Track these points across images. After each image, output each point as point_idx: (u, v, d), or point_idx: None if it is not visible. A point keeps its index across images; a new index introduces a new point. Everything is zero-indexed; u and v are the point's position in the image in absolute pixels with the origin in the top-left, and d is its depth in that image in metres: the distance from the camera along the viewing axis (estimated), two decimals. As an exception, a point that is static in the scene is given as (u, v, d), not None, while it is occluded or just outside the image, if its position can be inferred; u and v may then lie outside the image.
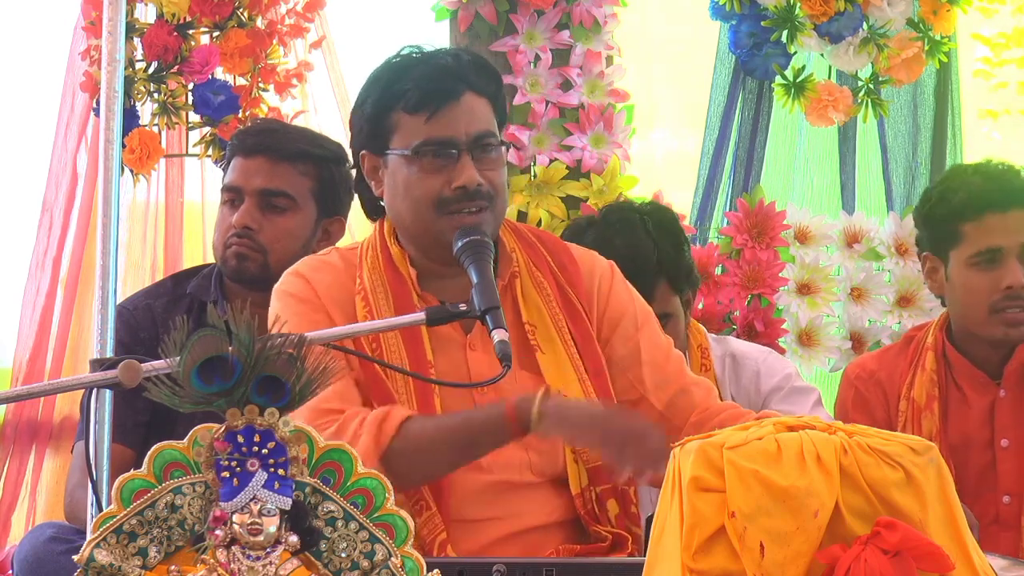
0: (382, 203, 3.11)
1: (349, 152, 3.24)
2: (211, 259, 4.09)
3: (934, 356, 3.86)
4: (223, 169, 3.85)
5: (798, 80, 4.62)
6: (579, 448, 2.98)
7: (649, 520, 2.77)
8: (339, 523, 1.94)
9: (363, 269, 3.05)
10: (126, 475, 1.95)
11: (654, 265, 3.73)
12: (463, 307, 2.75)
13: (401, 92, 3.00)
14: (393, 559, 1.94)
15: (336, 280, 3.05)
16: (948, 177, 3.96)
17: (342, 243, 3.88)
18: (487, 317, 2.73)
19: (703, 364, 3.83)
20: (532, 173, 4.56)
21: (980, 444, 3.81)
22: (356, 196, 3.22)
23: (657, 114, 4.98)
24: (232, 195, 3.75)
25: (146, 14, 4.58)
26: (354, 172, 3.15)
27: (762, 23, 4.57)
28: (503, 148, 3.06)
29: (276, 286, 3.10)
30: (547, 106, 4.57)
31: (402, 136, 3.01)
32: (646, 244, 3.75)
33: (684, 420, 3.04)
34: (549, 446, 2.99)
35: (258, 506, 1.89)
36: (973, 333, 3.82)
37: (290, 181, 3.73)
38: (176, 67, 4.54)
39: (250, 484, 1.89)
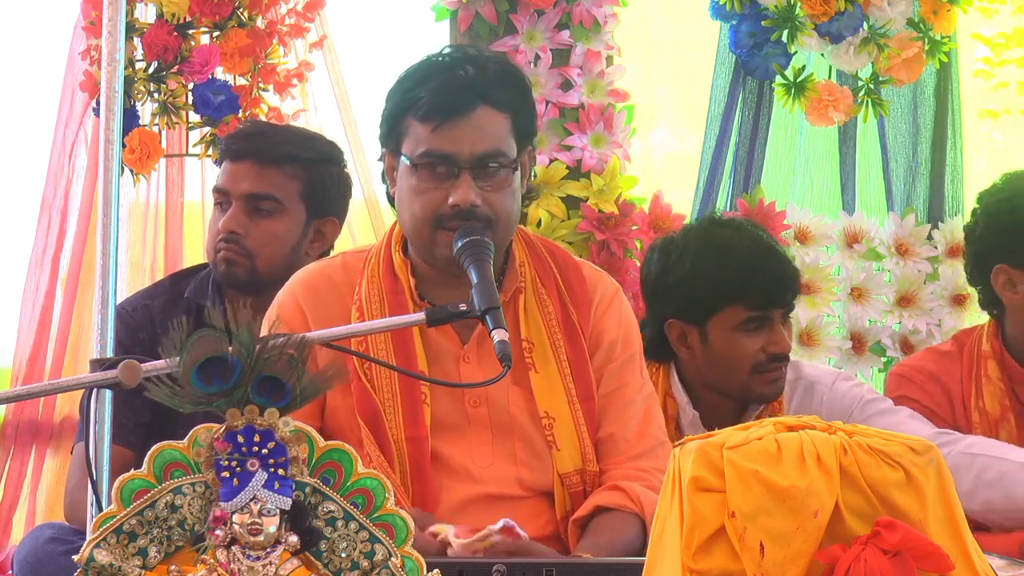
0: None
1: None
2: (210, 259, 4.10)
3: (997, 365, 3.80)
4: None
5: (798, 80, 4.62)
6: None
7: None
8: (339, 523, 1.94)
9: (363, 276, 3.04)
10: (126, 475, 1.95)
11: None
12: (463, 307, 2.74)
13: (416, 98, 2.95)
14: (393, 559, 1.94)
15: (332, 298, 3.03)
16: None
17: (340, 242, 3.88)
18: (487, 317, 2.71)
19: None
20: (532, 173, 4.56)
21: None
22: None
23: (657, 114, 4.98)
24: (221, 198, 3.76)
25: (146, 14, 4.58)
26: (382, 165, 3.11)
27: (762, 23, 4.57)
28: (513, 170, 2.98)
29: (276, 296, 3.09)
30: (547, 106, 4.57)
31: (409, 143, 2.96)
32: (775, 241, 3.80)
33: (594, 465, 3.01)
34: (539, 463, 2.99)
35: (258, 506, 1.89)
36: None
37: (277, 184, 3.72)
38: (176, 67, 4.54)
39: (250, 484, 1.89)
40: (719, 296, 3.58)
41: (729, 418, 3.72)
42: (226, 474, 1.90)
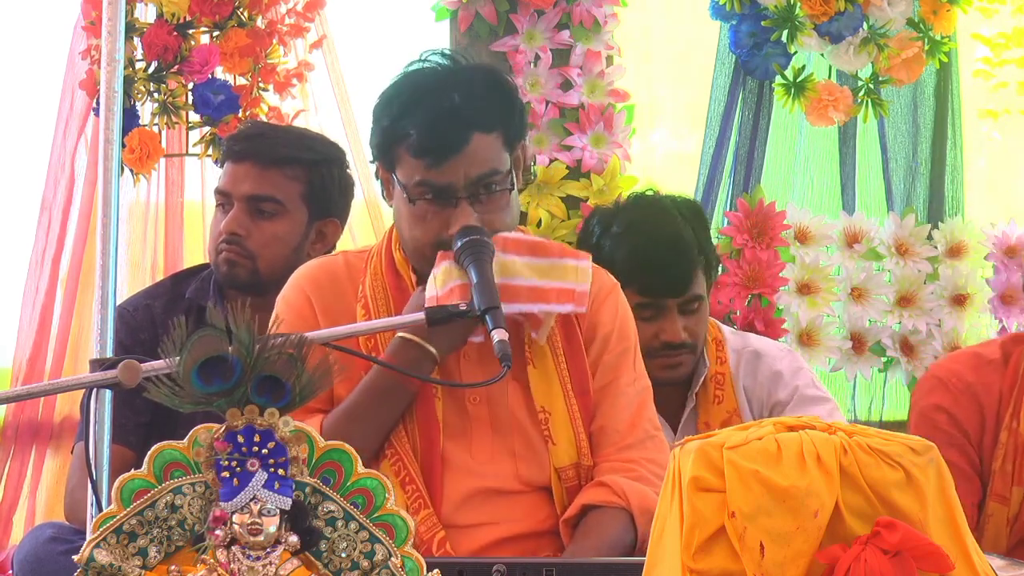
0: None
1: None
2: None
3: None
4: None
5: (798, 80, 4.62)
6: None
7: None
8: (339, 523, 1.94)
9: (367, 275, 3.04)
10: (126, 475, 1.95)
11: (696, 250, 3.70)
12: (463, 307, 2.74)
13: (405, 132, 2.92)
14: (393, 559, 1.94)
15: (337, 292, 3.04)
16: None
17: (341, 243, 3.89)
18: (487, 316, 2.72)
19: (719, 357, 3.80)
20: (532, 173, 4.56)
21: None
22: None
23: (657, 114, 4.99)
24: (223, 199, 3.76)
25: (146, 14, 4.58)
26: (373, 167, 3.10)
27: (762, 23, 4.57)
28: (509, 190, 2.96)
29: (281, 293, 3.09)
30: (547, 106, 4.58)
31: (403, 171, 2.95)
32: (686, 230, 3.71)
33: (590, 459, 3.01)
34: (536, 458, 3.00)
35: (258, 506, 1.89)
36: None
37: (278, 186, 3.72)
38: (176, 67, 4.54)
39: (250, 484, 1.89)
40: (614, 276, 3.58)
41: (673, 400, 3.73)
42: (226, 474, 1.90)
